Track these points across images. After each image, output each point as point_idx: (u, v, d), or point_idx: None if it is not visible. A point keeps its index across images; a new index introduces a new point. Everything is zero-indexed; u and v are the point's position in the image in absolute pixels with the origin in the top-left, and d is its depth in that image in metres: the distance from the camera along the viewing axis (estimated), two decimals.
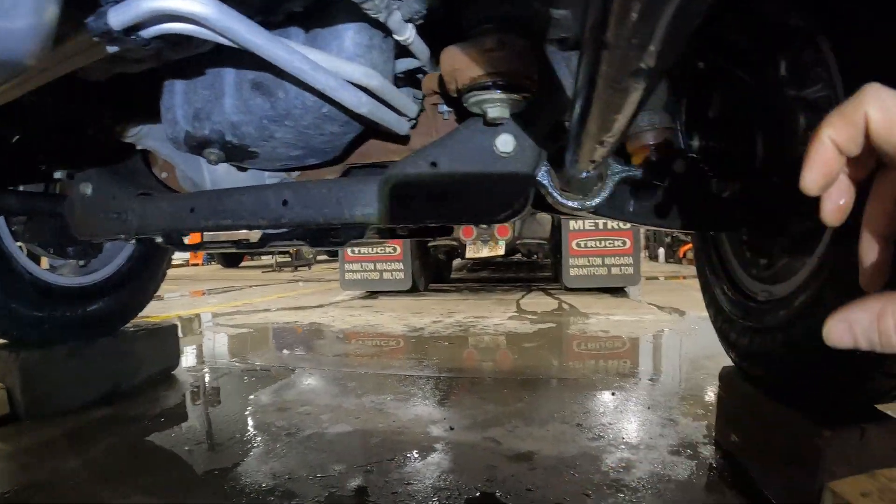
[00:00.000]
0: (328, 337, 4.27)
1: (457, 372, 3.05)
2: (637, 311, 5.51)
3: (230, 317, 5.43)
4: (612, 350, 3.67)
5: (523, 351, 3.66)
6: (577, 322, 4.81)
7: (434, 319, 5.06)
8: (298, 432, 2.03)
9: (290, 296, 7.78)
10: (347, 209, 1.41)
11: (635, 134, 1.38)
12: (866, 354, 1.21)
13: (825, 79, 1.30)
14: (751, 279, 1.76)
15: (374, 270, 7.34)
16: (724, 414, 1.88)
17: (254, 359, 3.45)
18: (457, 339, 4.06)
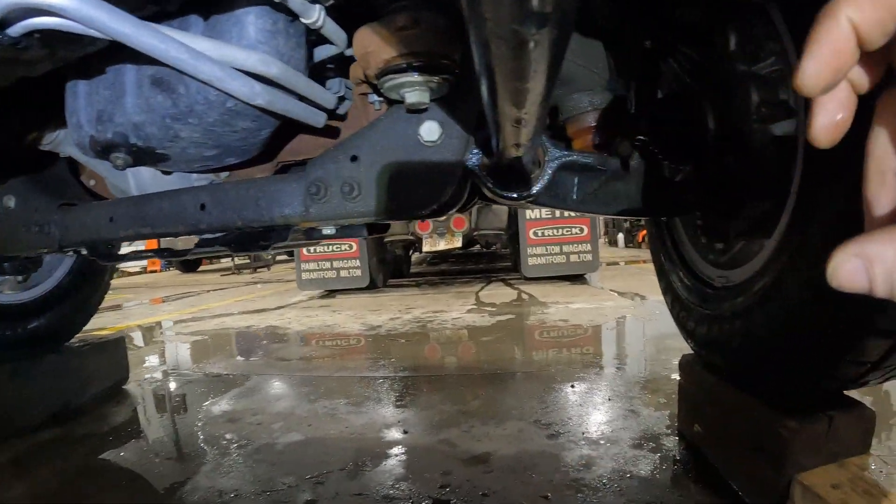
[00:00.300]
0: (284, 340, 4.20)
1: (413, 371, 2.99)
2: (597, 297, 5.51)
3: (186, 324, 5.32)
4: (572, 340, 3.63)
5: (481, 345, 3.61)
6: (536, 312, 4.77)
7: (392, 316, 4.99)
8: (249, 444, 1.97)
9: (247, 299, 7.64)
10: (267, 211, 1.31)
11: (575, 116, 1.31)
12: (832, 340, 1.18)
13: (778, 52, 1.24)
14: (707, 265, 1.70)
15: (331, 269, 7.23)
16: (686, 403, 1.82)
17: (207, 367, 3.38)
18: (414, 336, 4.00)
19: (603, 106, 1.30)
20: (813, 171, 1.10)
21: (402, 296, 6.74)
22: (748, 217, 1.38)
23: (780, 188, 1.25)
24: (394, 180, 1.26)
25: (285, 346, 3.98)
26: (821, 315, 1.12)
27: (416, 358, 3.35)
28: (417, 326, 4.37)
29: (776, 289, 1.21)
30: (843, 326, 1.08)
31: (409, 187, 1.25)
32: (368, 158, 1.27)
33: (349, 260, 7.19)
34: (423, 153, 1.24)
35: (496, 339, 3.76)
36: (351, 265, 7.22)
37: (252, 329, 4.80)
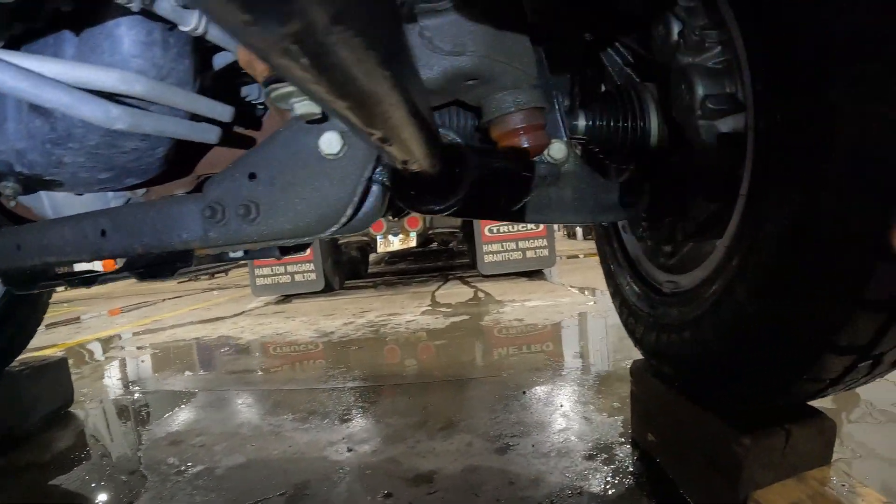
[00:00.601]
0: (235, 351, 4.08)
1: (362, 381, 2.90)
2: (554, 294, 5.47)
3: (138, 337, 5.18)
4: (526, 341, 3.56)
5: (433, 350, 3.54)
6: (491, 312, 4.71)
7: (346, 321, 4.89)
8: (189, 469, 1.89)
9: (202, 307, 7.45)
10: (166, 235, 1.19)
11: (498, 118, 1.21)
12: (788, 356, 1.10)
13: (725, 42, 1.16)
14: (656, 268, 1.62)
15: (285, 273, 7.08)
16: (638, 411, 1.75)
17: (155, 384, 3.29)
18: (366, 342, 3.90)
19: (530, 105, 1.20)
20: (764, 170, 1.02)
21: (358, 298, 6.62)
22: (696, 219, 1.30)
23: (729, 188, 1.17)
24: (294, 199, 1.14)
25: (236, 357, 3.87)
26: (775, 328, 1.04)
27: (366, 366, 3.26)
28: (370, 331, 4.27)
29: (726, 297, 1.12)
30: (800, 341, 1.00)
31: (311, 206, 1.14)
32: (267, 175, 1.15)
33: (303, 264, 7.05)
34: (325, 167, 1.12)
35: (449, 342, 3.68)
36: (305, 269, 7.07)
37: (204, 340, 4.67)
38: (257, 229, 1.16)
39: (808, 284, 0.94)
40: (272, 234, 1.16)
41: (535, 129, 1.20)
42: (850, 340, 0.94)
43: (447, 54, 1.08)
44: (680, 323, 1.33)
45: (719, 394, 1.30)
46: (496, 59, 1.11)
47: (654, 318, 1.50)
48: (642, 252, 1.70)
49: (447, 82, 1.13)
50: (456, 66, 1.10)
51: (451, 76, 1.12)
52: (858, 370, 1.02)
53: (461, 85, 1.16)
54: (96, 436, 2.42)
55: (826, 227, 0.89)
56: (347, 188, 1.12)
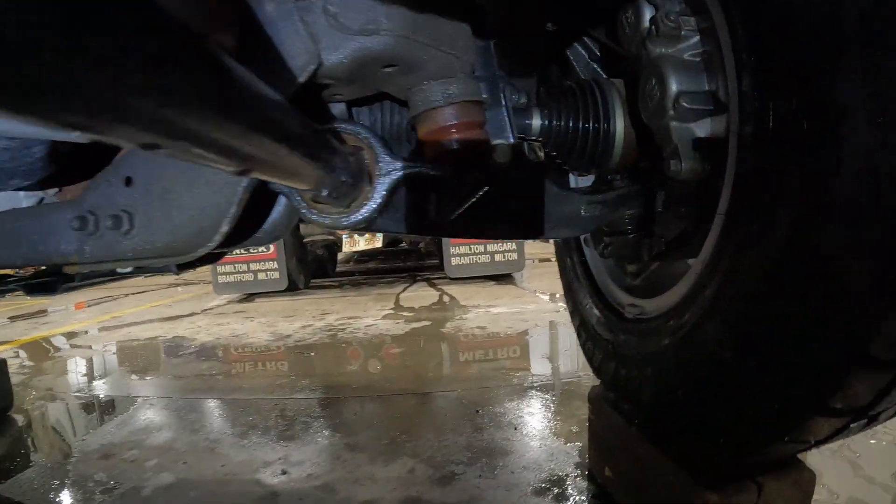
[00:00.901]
0: (187, 354, 3.92)
1: (309, 391, 2.76)
2: (520, 300, 5.34)
3: (93, 335, 5.01)
4: (487, 352, 3.42)
5: (389, 360, 3.39)
6: (454, 318, 4.56)
7: (304, 323, 4.74)
8: (116, 488, 1.77)
9: (164, 304, 7.26)
10: (43, 248, 1.02)
11: (424, 112, 1.02)
12: (768, 416, 0.90)
13: (705, 30, 0.98)
14: (618, 289, 1.44)
15: (248, 271, 6.86)
16: (596, 443, 1.60)
17: (100, 388, 3.17)
18: (321, 348, 3.76)
19: (464, 98, 1.01)
20: (749, 185, 0.84)
21: (321, 299, 6.46)
22: (665, 237, 1.13)
23: (704, 204, 1.00)
24: (171, 209, 0.96)
25: (186, 360, 3.71)
26: (752, 380, 0.86)
27: (317, 375, 3.12)
28: (328, 336, 4.12)
29: (695, 334, 0.95)
30: (783, 400, 0.83)
31: (189, 217, 0.96)
32: (144, 180, 0.98)
33: (266, 262, 6.84)
34: (206, 173, 0.95)
35: (407, 351, 3.54)
36: (268, 267, 6.86)
37: (158, 340, 4.52)
38: (132, 244, 0.98)
39: (799, 332, 0.76)
40: (148, 251, 0.99)
41: (470, 128, 1.01)
42: (846, 403, 0.77)
43: (356, 34, 0.88)
44: (641, 356, 1.16)
45: (682, 441, 1.13)
46: (419, 42, 0.91)
47: (614, 347, 1.33)
48: (605, 269, 1.52)
49: (359, 68, 0.94)
50: (367, 48, 0.90)
51: (363, 60, 0.92)
52: (850, 430, 0.85)
53: (378, 72, 0.97)
54: (32, 444, 2.32)
55: (826, 262, 0.71)
56: (228, 198, 0.93)
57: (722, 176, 0.94)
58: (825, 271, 0.71)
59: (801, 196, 0.72)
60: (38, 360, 4.03)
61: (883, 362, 0.71)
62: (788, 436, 0.86)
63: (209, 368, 3.43)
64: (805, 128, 0.70)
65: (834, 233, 0.69)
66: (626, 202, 1.22)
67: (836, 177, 0.67)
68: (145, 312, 6.45)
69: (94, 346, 4.46)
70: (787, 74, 0.73)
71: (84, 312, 6.96)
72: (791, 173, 0.74)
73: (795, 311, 0.75)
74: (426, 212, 1.05)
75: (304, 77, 0.88)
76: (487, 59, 1.08)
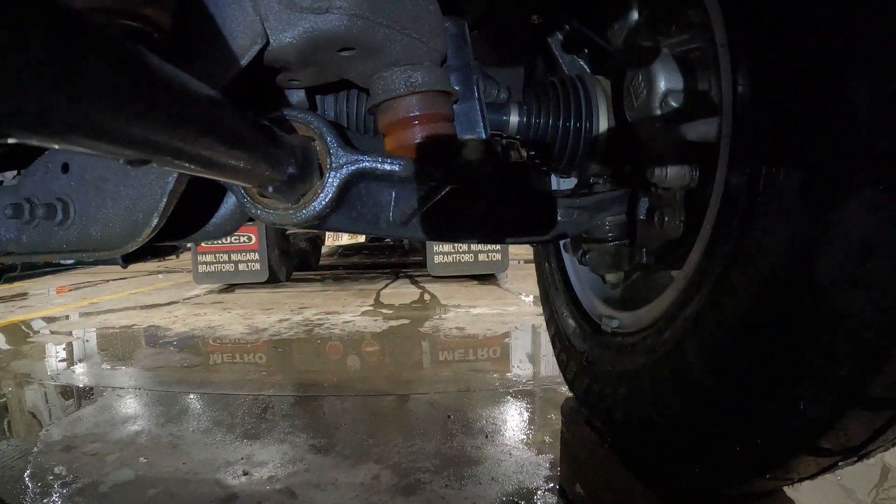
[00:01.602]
0: (160, 344, 3.86)
1: (279, 388, 2.69)
2: (502, 301, 5.27)
3: (69, 321, 4.93)
4: (464, 354, 3.36)
5: (363, 358, 3.33)
6: (434, 317, 4.51)
7: (282, 317, 4.67)
8: (74, 482, 1.73)
9: (143, 291, 7.14)
10: None
11: (384, 102, 0.93)
12: (750, 452, 0.79)
13: (698, 24, 0.90)
14: (596, 299, 1.37)
15: (229, 262, 6.77)
16: (568, 457, 1.55)
17: (69, 377, 3.08)
18: (296, 343, 3.70)
19: (430, 88, 0.91)
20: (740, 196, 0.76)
21: (302, 292, 6.38)
22: (646, 246, 1.06)
23: (691, 212, 0.92)
24: (106, 199, 0.89)
25: (159, 351, 3.65)
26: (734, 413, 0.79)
27: (289, 371, 3.07)
28: (304, 331, 4.05)
29: (674, 356, 0.87)
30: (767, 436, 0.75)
31: (125, 209, 0.88)
32: (80, 168, 0.90)
33: (248, 252, 6.76)
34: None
35: (382, 350, 3.49)
36: (250, 258, 6.77)
37: (133, 329, 4.45)
38: (67, 235, 0.90)
39: (789, 364, 0.68)
40: (83, 243, 0.91)
41: (434, 120, 0.92)
42: (838, 443, 0.70)
43: (306, 11, 0.79)
44: (616, 374, 1.08)
45: (655, 466, 1.05)
46: (379, 23, 0.82)
47: (588, 361, 1.25)
48: (584, 278, 1.45)
49: (311, 51, 0.84)
50: (319, 28, 0.81)
51: (315, 42, 0.83)
52: (838, 467, 0.78)
53: (334, 56, 0.87)
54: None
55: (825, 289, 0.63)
56: (161, 189, 0.85)
57: (711, 184, 0.87)
58: (823, 300, 0.64)
59: (801, 212, 0.64)
60: (12, 346, 3.98)
61: (883, 401, 0.63)
62: (770, 473, 0.79)
63: (181, 360, 3.37)
64: (809, 134, 0.62)
65: (836, 257, 0.61)
66: (608, 207, 1.14)
67: (844, 193, 0.59)
68: (124, 299, 6.35)
69: (67, 333, 4.39)
70: (788, 73, 0.66)
71: (62, 297, 6.87)
72: (790, 186, 0.66)
73: (786, 342, 0.68)
74: (384, 210, 0.97)
75: (247, 59, 0.79)
76: (461, 48, 0.99)
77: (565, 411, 1.50)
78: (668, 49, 0.93)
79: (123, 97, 0.39)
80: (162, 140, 0.44)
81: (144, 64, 0.42)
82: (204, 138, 0.49)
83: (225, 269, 6.80)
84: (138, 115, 0.41)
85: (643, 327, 1.06)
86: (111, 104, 0.37)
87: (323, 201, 0.86)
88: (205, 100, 0.50)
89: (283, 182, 0.76)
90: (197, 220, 1.02)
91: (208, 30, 0.78)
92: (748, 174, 0.74)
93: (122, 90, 0.39)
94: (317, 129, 0.87)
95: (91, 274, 9.67)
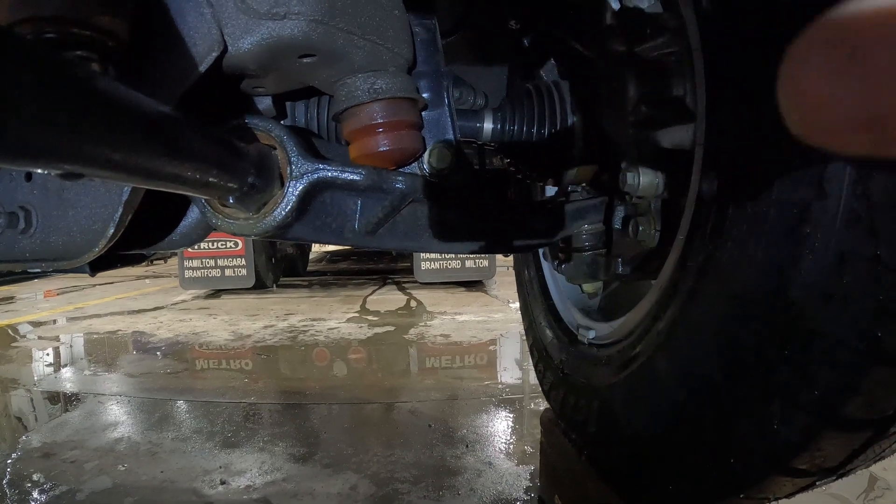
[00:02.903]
0: (145, 349, 3.84)
1: (260, 396, 2.66)
2: (488, 308, 5.24)
3: (55, 326, 4.92)
4: (448, 362, 3.33)
5: (346, 365, 3.30)
6: (418, 324, 4.47)
7: (267, 323, 4.64)
8: (52, 489, 1.71)
9: (130, 296, 7.09)
10: None
11: (348, 109, 0.91)
12: (723, 470, 0.76)
13: (673, 28, 0.89)
14: (573, 309, 1.35)
15: (216, 267, 6.72)
16: (547, 468, 1.52)
17: (51, 382, 3.08)
18: (280, 350, 3.67)
19: (395, 95, 0.89)
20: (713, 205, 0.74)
21: (288, 298, 6.33)
22: (622, 255, 1.04)
23: (668, 221, 0.90)
24: (68, 209, 0.87)
25: (143, 357, 3.62)
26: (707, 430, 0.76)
27: (272, 378, 3.04)
28: (288, 338, 4.02)
29: (646, 369, 0.85)
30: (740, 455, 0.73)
31: (86, 218, 0.86)
32: (43, 176, 0.88)
33: (234, 258, 6.71)
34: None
35: (366, 357, 3.47)
36: (236, 263, 6.73)
37: (118, 334, 4.40)
38: (30, 244, 0.88)
39: (762, 382, 0.66)
40: (45, 252, 0.89)
41: (399, 128, 0.90)
42: (813, 464, 0.68)
43: (264, 17, 0.77)
44: (590, 387, 1.06)
45: (630, 481, 1.03)
46: (339, 29, 0.79)
47: (564, 372, 1.23)
48: (562, 287, 1.43)
49: (271, 58, 0.82)
50: (277, 34, 0.79)
51: (275, 48, 0.81)
52: (817, 486, 0.76)
53: (295, 63, 0.85)
54: None
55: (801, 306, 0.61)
56: (117, 198, 0.83)
57: (685, 192, 0.85)
58: (796, 316, 0.61)
59: (777, 225, 0.62)
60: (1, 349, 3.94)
61: (858, 422, 0.61)
62: (744, 493, 0.77)
63: (164, 367, 3.34)
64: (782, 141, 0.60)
65: (811, 271, 0.59)
66: (585, 216, 1.12)
67: (821, 204, 0.57)
68: (110, 304, 6.32)
69: (52, 339, 4.36)
70: (765, 79, 0.64)
71: (49, 301, 6.79)
72: (766, 197, 0.64)
73: (758, 359, 0.66)
74: (350, 220, 0.94)
75: (205, 65, 0.76)
76: (432, 54, 0.97)
77: (544, 422, 1.48)
78: (642, 53, 0.92)
79: (42, 108, 0.36)
80: (92, 153, 0.42)
81: (69, 74, 0.40)
82: (141, 150, 0.47)
83: (211, 275, 6.75)
84: (62, 127, 0.39)
85: (618, 339, 1.04)
86: (28, 116, 0.35)
87: (283, 211, 0.84)
88: (138, 109, 0.47)
89: (243, 192, 0.74)
90: (163, 228, 0.99)
91: (167, 36, 0.76)
92: (719, 183, 0.72)
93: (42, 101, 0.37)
94: (277, 138, 0.85)
95: (79, 278, 9.64)
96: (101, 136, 0.43)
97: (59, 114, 0.38)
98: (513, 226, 1.05)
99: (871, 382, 0.58)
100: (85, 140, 0.41)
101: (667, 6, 0.88)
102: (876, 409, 0.61)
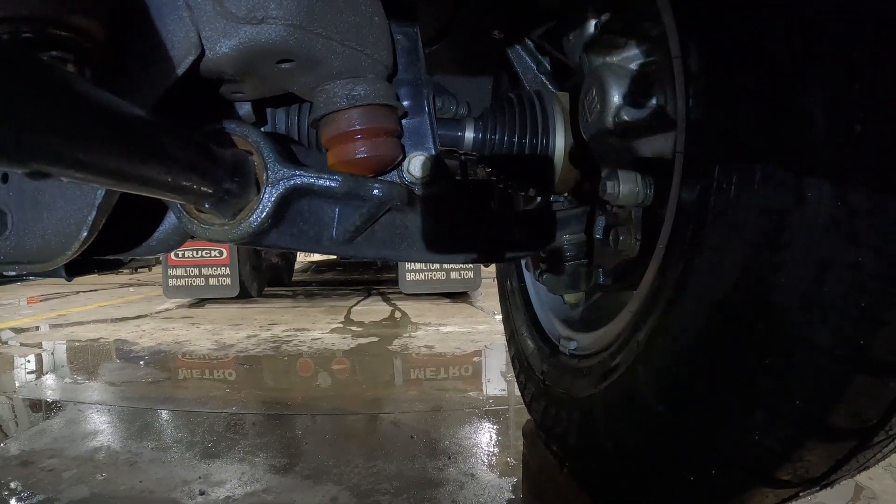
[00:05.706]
0: (126, 358, 3.82)
1: (242, 406, 2.64)
2: (472, 319, 5.23)
3: (36, 333, 4.88)
4: (431, 373, 3.32)
5: (329, 376, 3.28)
6: (402, 335, 4.46)
7: (250, 333, 4.60)
8: (29, 498, 1.69)
9: (113, 304, 7.04)
10: None
11: (325, 116, 0.90)
12: (703, 483, 0.75)
13: (655, 38, 0.88)
14: (555, 319, 1.34)
15: (200, 276, 6.67)
16: (529, 481, 1.51)
17: (31, 389, 3.05)
18: (263, 360, 3.65)
19: (373, 101, 0.88)
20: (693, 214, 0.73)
21: (272, 308, 6.29)
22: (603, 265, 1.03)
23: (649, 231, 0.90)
24: (43, 211, 0.86)
25: (124, 366, 3.60)
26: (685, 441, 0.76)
27: (254, 388, 3.02)
28: (272, 348, 3.99)
29: (626, 380, 0.84)
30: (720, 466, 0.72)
31: (60, 220, 0.85)
32: (19, 177, 0.86)
33: (218, 267, 6.67)
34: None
35: (349, 368, 3.45)
36: (220, 273, 6.68)
37: (100, 342, 4.36)
38: (5, 246, 0.87)
39: (743, 392, 0.66)
40: (20, 255, 0.87)
41: (378, 135, 0.89)
42: (796, 475, 0.67)
43: (242, 21, 0.76)
44: (571, 398, 1.05)
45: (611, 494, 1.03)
46: (318, 34, 0.79)
47: (545, 383, 1.23)
48: (545, 297, 1.42)
49: (249, 62, 0.82)
50: (255, 39, 0.78)
51: (252, 53, 0.80)
52: (799, 497, 0.75)
53: (273, 68, 0.85)
54: None
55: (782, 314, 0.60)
56: (90, 202, 0.82)
57: (666, 196, 0.85)
58: (777, 324, 0.61)
59: (757, 233, 0.62)
60: None
61: (843, 432, 0.61)
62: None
63: (145, 376, 3.31)
64: (764, 149, 0.60)
65: (795, 280, 0.59)
66: (566, 226, 1.12)
67: (801, 211, 0.57)
68: (93, 312, 6.26)
69: (34, 345, 4.32)
70: (744, 86, 0.64)
71: (32, 308, 6.74)
72: (746, 204, 0.63)
73: (738, 369, 0.65)
74: (327, 228, 0.93)
75: (182, 69, 0.75)
76: (413, 62, 0.96)
77: (527, 433, 1.48)
78: (623, 62, 0.92)
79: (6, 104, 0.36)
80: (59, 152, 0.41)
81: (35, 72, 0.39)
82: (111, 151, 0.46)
83: (195, 284, 6.71)
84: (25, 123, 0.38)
85: (598, 350, 1.04)
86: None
87: (259, 217, 0.83)
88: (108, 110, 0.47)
89: (219, 197, 0.73)
90: (140, 234, 0.98)
91: (145, 39, 0.75)
92: (699, 190, 0.71)
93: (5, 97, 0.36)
94: (254, 143, 0.84)
95: (62, 285, 9.58)
96: (69, 134, 0.42)
97: (23, 110, 0.38)
98: (494, 236, 1.04)
99: (854, 391, 0.58)
100: (51, 139, 0.40)
101: (647, 15, 0.88)
102: (859, 418, 0.61)
